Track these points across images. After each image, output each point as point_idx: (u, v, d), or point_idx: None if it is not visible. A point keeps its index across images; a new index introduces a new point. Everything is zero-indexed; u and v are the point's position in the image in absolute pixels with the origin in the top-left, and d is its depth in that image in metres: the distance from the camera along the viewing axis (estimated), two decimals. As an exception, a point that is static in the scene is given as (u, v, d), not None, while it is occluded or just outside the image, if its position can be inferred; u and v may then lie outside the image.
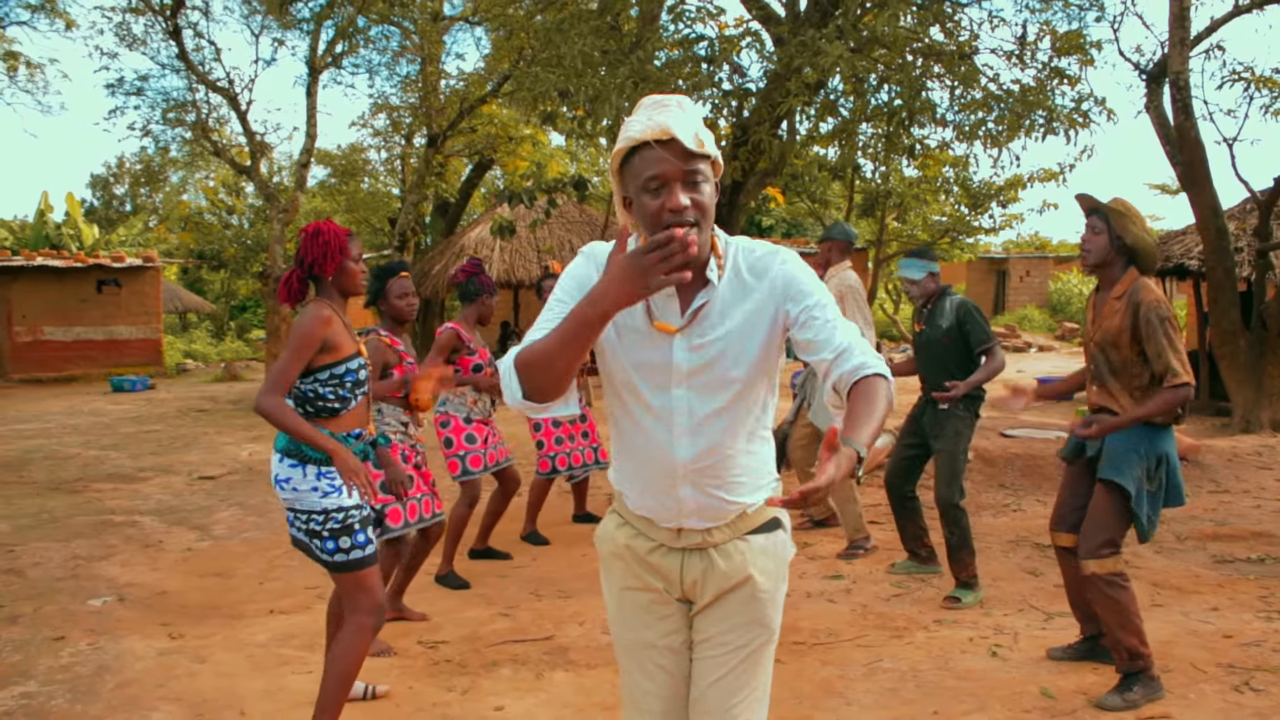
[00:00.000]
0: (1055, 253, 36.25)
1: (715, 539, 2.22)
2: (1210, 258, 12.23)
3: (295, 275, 3.73)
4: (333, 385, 3.62)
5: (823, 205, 20.29)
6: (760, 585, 2.24)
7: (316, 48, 16.41)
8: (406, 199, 18.84)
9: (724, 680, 2.23)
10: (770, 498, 2.13)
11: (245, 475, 9.96)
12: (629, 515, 2.30)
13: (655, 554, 2.26)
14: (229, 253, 22.12)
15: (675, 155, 2.02)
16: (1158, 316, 4.05)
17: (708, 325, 2.13)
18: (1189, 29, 11.96)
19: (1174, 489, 4.20)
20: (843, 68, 8.22)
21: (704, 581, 2.24)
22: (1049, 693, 4.21)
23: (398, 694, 4.32)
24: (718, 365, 2.12)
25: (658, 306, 2.14)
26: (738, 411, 2.16)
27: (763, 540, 2.26)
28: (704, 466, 2.16)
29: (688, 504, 2.18)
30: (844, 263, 6.69)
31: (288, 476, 3.56)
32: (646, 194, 2.05)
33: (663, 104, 2.10)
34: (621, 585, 2.33)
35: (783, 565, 2.30)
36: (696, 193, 2.05)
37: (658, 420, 2.16)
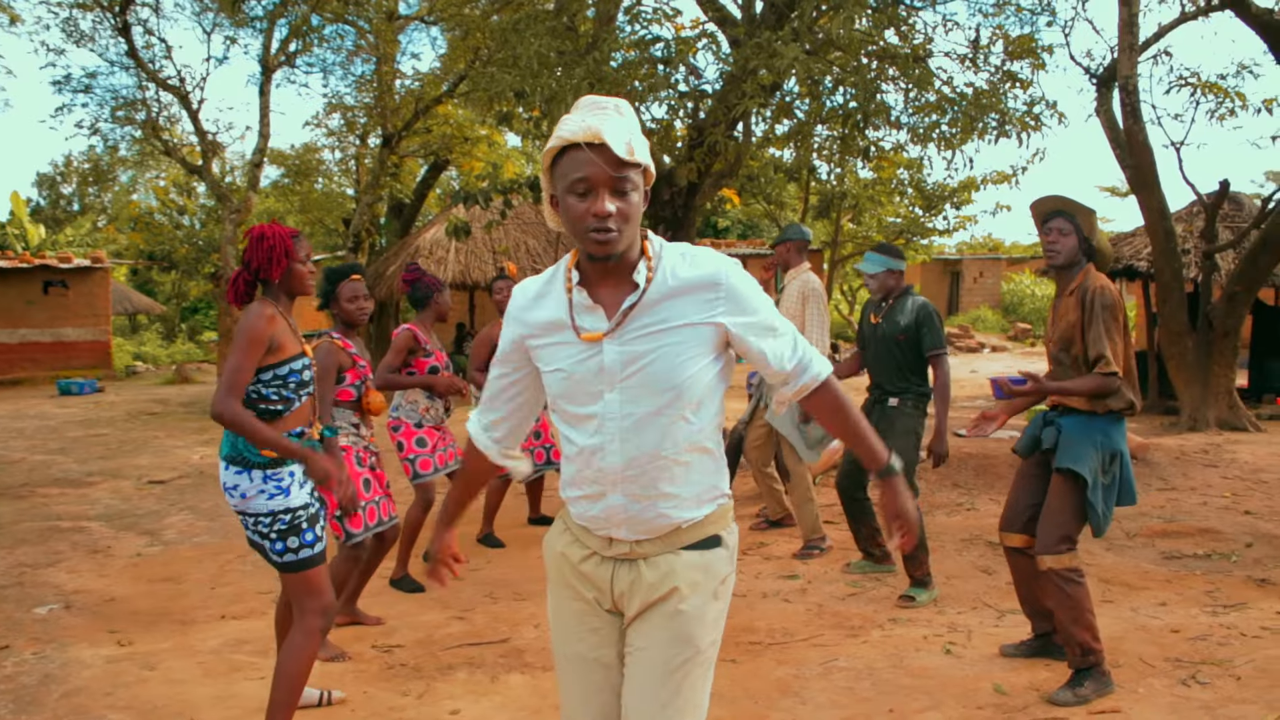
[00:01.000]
0: (1008, 254, 36.70)
1: (644, 550, 2.19)
2: (1159, 259, 12.43)
3: (242, 277, 3.70)
4: (276, 386, 3.58)
5: (778, 206, 20.40)
6: (686, 600, 2.17)
7: (270, 46, 16.25)
8: (361, 200, 18.68)
9: (647, 696, 2.16)
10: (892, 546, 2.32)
11: (196, 479, 9.83)
12: (570, 522, 2.30)
13: (588, 563, 2.25)
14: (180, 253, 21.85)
15: (605, 161, 2.02)
16: (1100, 303, 4.11)
17: (636, 327, 2.11)
18: (1137, 34, 12.15)
19: (1127, 486, 4.26)
20: (798, 70, 8.25)
21: (630, 593, 2.20)
22: (1002, 689, 4.25)
23: (353, 699, 4.28)
24: (649, 368, 2.10)
25: (582, 320, 2.14)
26: (671, 418, 2.12)
27: (695, 556, 2.20)
28: (635, 475, 2.13)
29: (616, 513, 2.16)
30: (803, 264, 6.72)
31: (235, 484, 3.53)
32: (573, 195, 2.06)
33: (600, 107, 2.10)
34: (557, 593, 2.33)
35: (714, 581, 2.21)
36: (623, 200, 2.06)
37: (590, 426, 2.14)
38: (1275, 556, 6.34)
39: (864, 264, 5.78)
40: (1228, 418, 11.99)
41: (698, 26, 10.49)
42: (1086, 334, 4.13)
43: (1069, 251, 4.28)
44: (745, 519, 7.62)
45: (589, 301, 2.13)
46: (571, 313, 2.15)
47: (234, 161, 28.09)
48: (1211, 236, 12.80)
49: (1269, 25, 11.24)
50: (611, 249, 2.07)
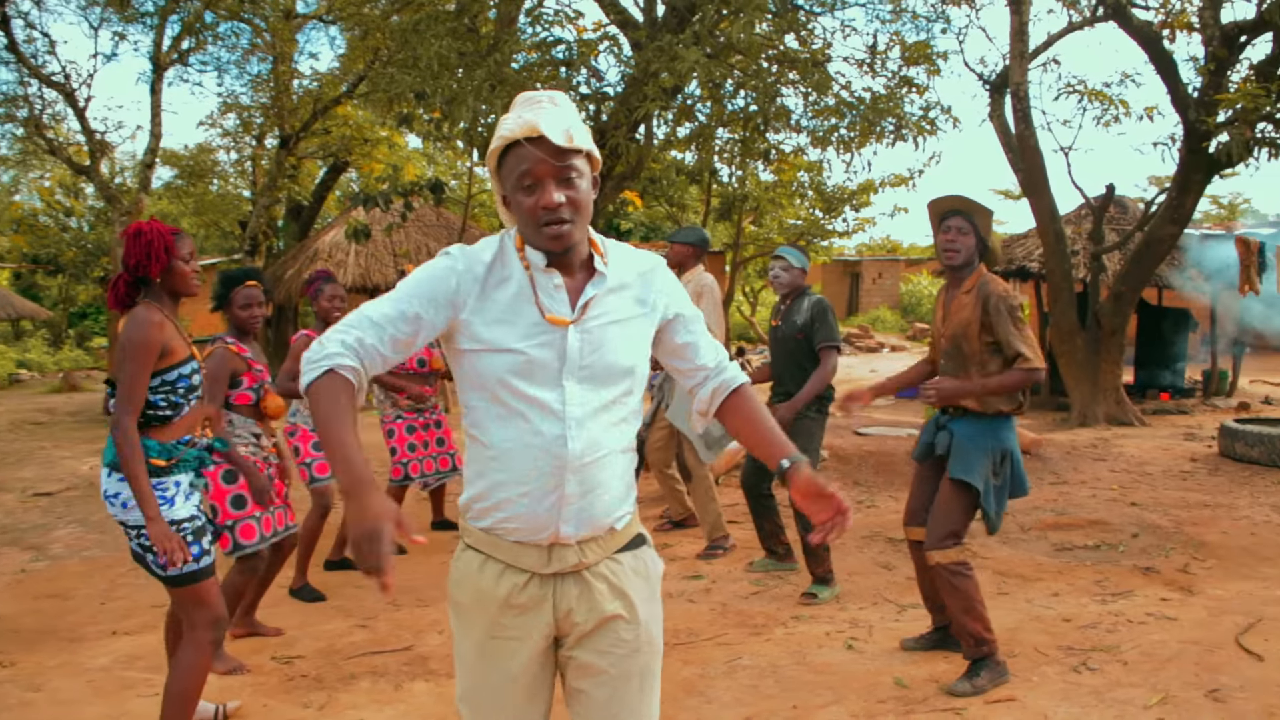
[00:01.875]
0: (906, 255, 37.47)
1: (589, 558, 2.15)
2: (1049, 260, 12.82)
3: (122, 279, 3.57)
4: (164, 392, 3.47)
5: (680, 209, 20.50)
6: (640, 606, 2.20)
7: (161, 43, 15.79)
8: (258, 202, 18.28)
9: (629, 707, 2.18)
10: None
11: (85, 490, 9.50)
12: (490, 547, 2.15)
13: (526, 591, 2.13)
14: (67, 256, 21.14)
15: (547, 153, 2.02)
16: (1005, 306, 4.24)
17: (598, 316, 2.12)
18: (1028, 43, 12.52)
19: (1018, 480, 4.39)
20: (699, 73, 8.32)
21: (578, 609, 2.15)
22: (902, 682, 4.33)
23: (252, 712, 4.17)
24: (609, 357, 2.12)
25: (547, 299, 2.10)
26: (620, 409, 2.16)
27: (631, 560, 2.22)
28: (589, 463, 2.10)
29: (569, 504, 2.09)
30: (698, 266, 6.77)
31: (117, 491, 3.42)
32: (521, 192, 2.05)
33: (535, 101, 2.09)
34: (487, 634, 2.16)
35: (655, 582, 2.27)
36: (571, 189, 2.05)
37: (547, 415, 2.07)
38: (1159, 545, 6.58)
39: (790, 253, 5.84)
40: (1115, 413, 12.41)
41: (599, 29, 10.51)
42: (997, 335, 4.24)
43: (967, 251, 4.38)
44: (649, 520, 7.64)
45: (558, 281, 2.11)
46: (536, 292, 2.10)
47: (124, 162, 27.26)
48: (1099, 238, 13.25)
49: (1149, 37, 11.67)
50: (567, 241, 2.07)
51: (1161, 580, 5.84)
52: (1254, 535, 6.82)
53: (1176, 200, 11.93)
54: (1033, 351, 4.22)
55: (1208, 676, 4.32)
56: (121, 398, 3.38)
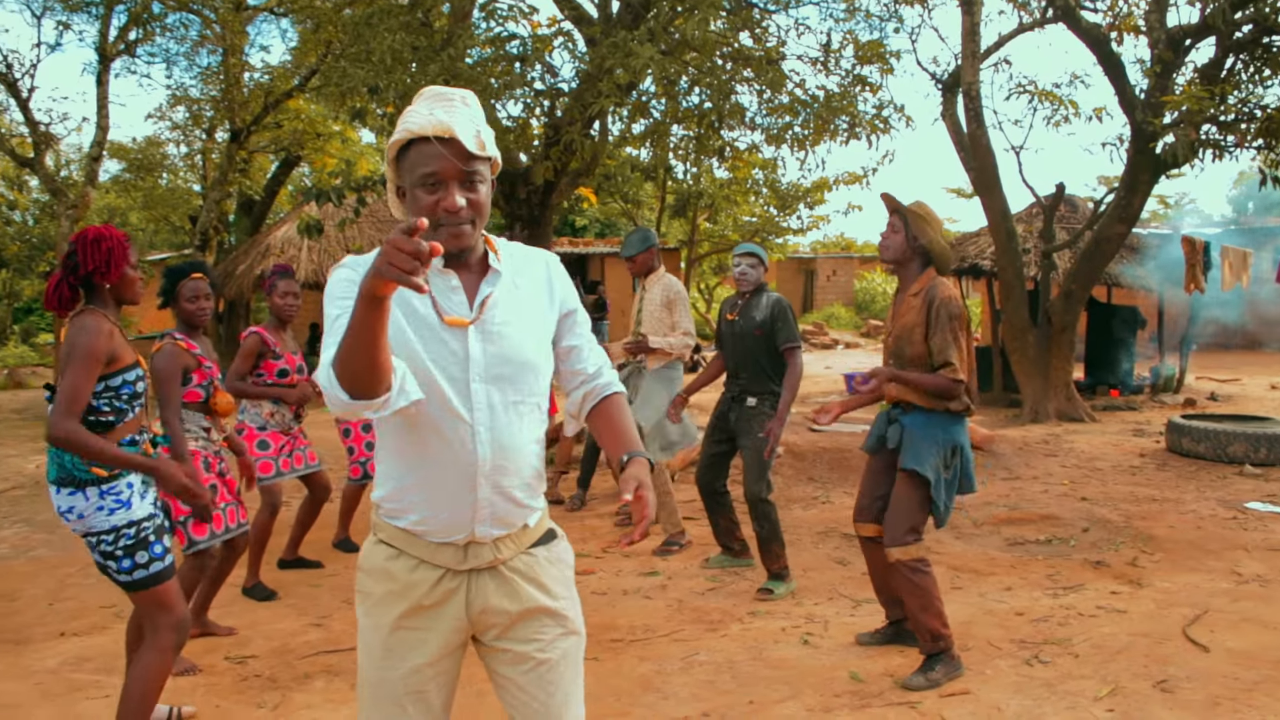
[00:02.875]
0: (860, 253, 37.73)
1: (504, 554, 2.15)
2: (1001, 258, 12.96)
3: (67, 281, 3.48)
4: (108, 398, 3.41)
5: (635, 205, 20.52)
6: (559, 595, 2.22)
7: (107, 33, 15.49)
8: (208, 196, 18.02)
9: (555, 696, 2.20)
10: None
11: (31, 489, 9.32)
12: (404, 543, 2.14)
13: (440, 586, 2.12)
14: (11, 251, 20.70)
15: (455, 155, 2.00)
16: (947, 313, 4.27)
17: (497, 314, 2.11)
18: (979, 43, 12.64)
19: (966, 477, 4.44)
20: (654, 70, 8.31)
21: (499, 604, 2.15)
22: (858, 676, 4.36)
23: (205, 713, 4.11)
24: (513, 355, 2.11)
25: (444, 301, 2.08)
26: (529, 406, 2.15)
27: (545, 552, 2.24)
28: (502, 464, 2.09)
29: (483, 508, 2.09)
30: (661, 267, 6.78)
31: (70, 506, 3.35)
32: (422, 189, 2.03)
33: (446, 98, 2.06)
34: (395, 626, 2.14)
35: (568, 570, 2.29)
36: (474, 193, 2.05)
37: (455, 418, 2.06)
38: (1109, 539, 6.68)
39: (758, 249, 5.88)
40: (1066, 409, 12.57)
41: (554, 25, 10.46)
42: (931, 340, 4.28)
43: (896, 248, 4.47)
44: (606, 516, 7.63)
45: (455, 283, 2.09)
46: (432, 295, 2.03)
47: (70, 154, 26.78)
48: (1049, 236, 13.41)
49: (1097, 39, 11.83)
50: (465, 242, 2.07)
51: (1111, 574, 5.92)
52: (1200, 529, 6.93)
53: (1125, 200, 12.10)
54: (960, 362, 4.26)
55: (1156, 668, 4.39)
56: (62, 402, 3.29)
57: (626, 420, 2.28)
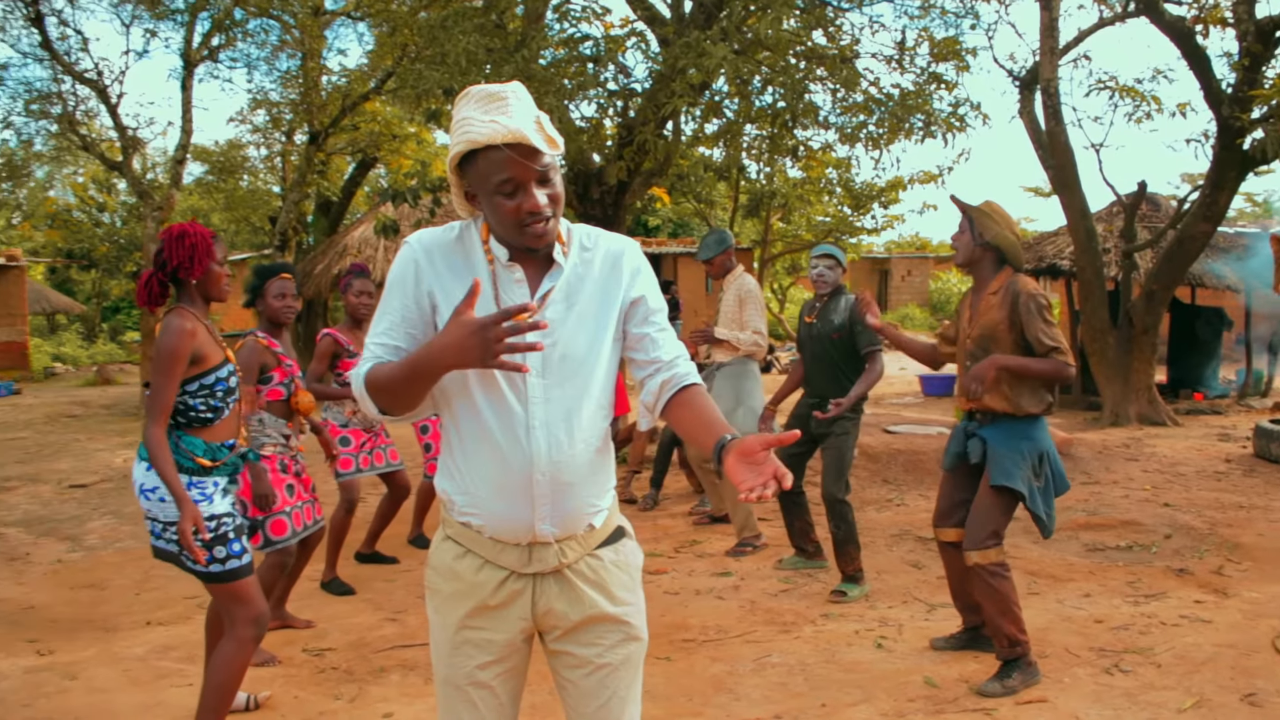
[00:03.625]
0: (935, 253, 37.26)
1: (569, 557, 2.13)
2: (1080, 257, 12.71)
3: (156, 278, 3.58)
4: (203, 396, 3.50)
5: (708, 205, 20.47)
6: (623, 601, 2.19)
7: (191, 40, 15.87)
8: (287, 197, 18.37)
9: (612, 701, 2.19)
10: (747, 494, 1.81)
11: (119, 482, 9.59)
12: (471, 541, 2.15)
13: (505, 588, 2.13)
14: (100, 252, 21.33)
15: (526, 156, 1.97)
16: (1035, 305, 4.21)
17: (558, 309, 2.08)
18: (1058, 39, 12.41)
19: (1059, 478, 4.36)
20: (727, 69, 8.28)
21: (562, 607, 2.15)
22: (932, 682, 4.30)
23: (283, 703, 4.20)
24: (569, 351, 2.08)
25: (507, 294, 2.08)
26: (589, 403, 2.11)
27: (612, 554, 2.20)
28: (560, 461, 2.06)
29: (542, 505, 2.07)
30: (738, 267, 6.78)
31: (154, 485, 3.43)
32: (500, 195, 2.00)
33: (498, 98, 2.00)
34: (460, 625, 2.16)
35: (635, 573, 2.25)
36: (550, 188, 2.03)
37: (512, 415, 2.05)
38: (1193, 547, 6.51)
39: (835, 251, 5.86)
40: (1148, 413, 12.29)
41: (627, 25, 10.48)
42: (1027, 334, 4.20)
43: (964, 248, 4.42)
44: (679, 516, 7.64)
45: (519, 275, 2.08)
46: (496, 288, 2.06)
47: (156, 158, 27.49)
48: (1131, 236, 13.12)
49: (1181, 32, 11.55)
50: (549, 238, 2.05)
51: (1195, 582, 5.77)
52: (1289, 537, 6.73)
53: (1210, 197, 11.79)
54: (1065, 348, 4.20)
55: (1243, 680, 4.26)
56: (150, 406, 3.42)
57: (711, 407, 2.12)
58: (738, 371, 6.57)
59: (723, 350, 6.64)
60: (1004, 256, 4.37)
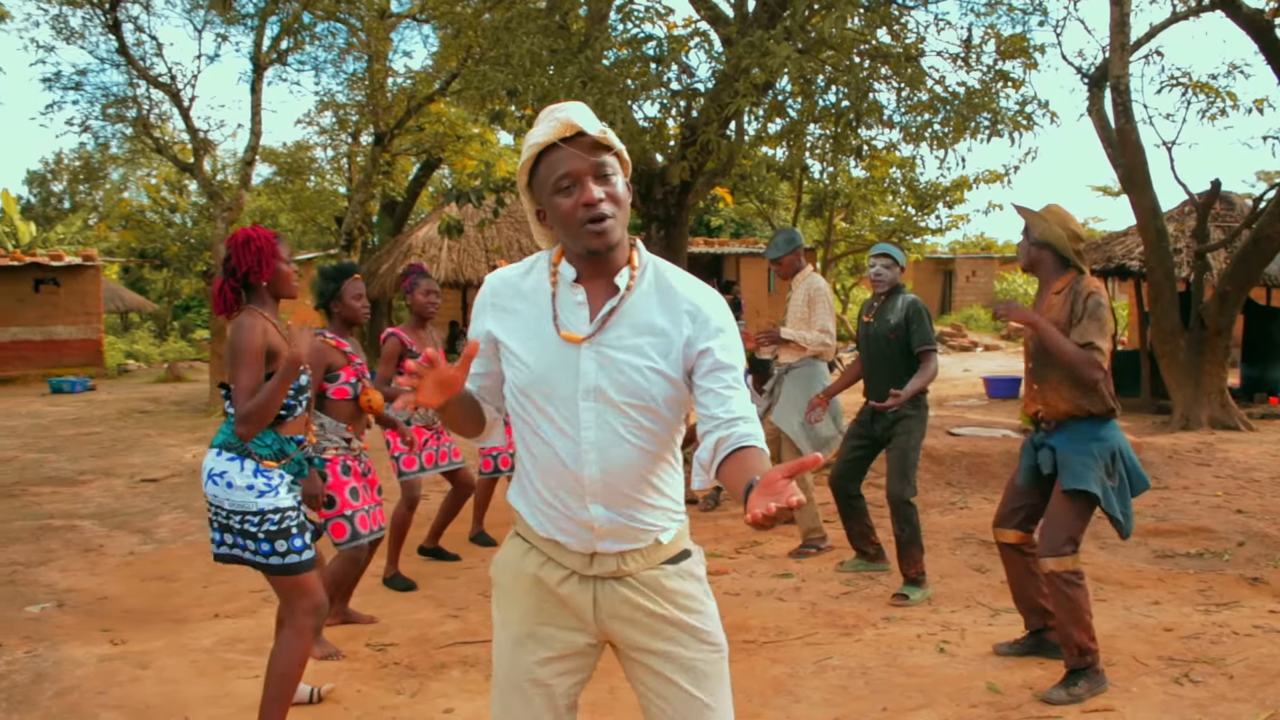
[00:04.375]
0: (1000, 253, 36.77)
1: (630, 567, 2.14)
2: (1150, 259, 12.45)
3: (229, 285, 3.66)
4: None
5: (771, 205, 20.40)
6: (694, 608, 2.18)
7: (261, 44, 16.17)
8: (353, 198, 18.63)
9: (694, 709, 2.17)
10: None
11: (189, 477, 9.80)
12: (535, 539, 2.19)
13: (566, 585, 2.15)
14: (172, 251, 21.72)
15: (583, 149, 2.02)
16: (1093, 302, 4.16)
17: (617, 333, 2.08)
18: (1129, 34, 12.17)
19: (1137, 477, 4.28)
20: (791, 69, 8.25)
21: (621, 614, 2.15)
22: (995, 688, 4.25)
23: (346, 697, 4.27)
24: (626, 376, 2.06)
25: (566, 316, 2.09)
26: (645, 429, 2.09)
27: (675, 569, 2.19)
28: (613, 484, 2.07)
29: (600, 525, 2.09)
30: (808, 267, 6.75)
31: (223, 470, 3.51)
32: (559, 195, 2.04)
33: (559, 108, 2.08)
34: (525, 621, 2.20)
35: (702, 584, 2.23)
36: (609, 185, 2.05)
37: (563, 434, 2.07)
38: (1267, 555, 6.36)
39: (893, 250, 5.82)
40: (1220, 416, 12.01)
41: (690, 25, 10.48)
42: (1076, 327, 4.15)
43: (1023, 251, 4.41)
44: (739, 516, 7.62)
45: (580, 298, 2.10)
46: (555, 306, 2.10)
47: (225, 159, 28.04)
48: (1203, 236, 12.83)
49: (1259, 25, 11.27)
50: (610, 238, 2.05)
51: (1270, 591, 5.63)
52: (1368, 545, 6.54)
53: (1287, 196, 11.50)
54: (1105, 348, 4.11)
55: (1319, 691, 4.16)
56: (237, 406, 3.50)
57: (761, 467, 1.95)
58: (806, 374, 6.53)
59: (789, 351, 6.61)
60: (1061, 255, 4.30)
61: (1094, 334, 4.11)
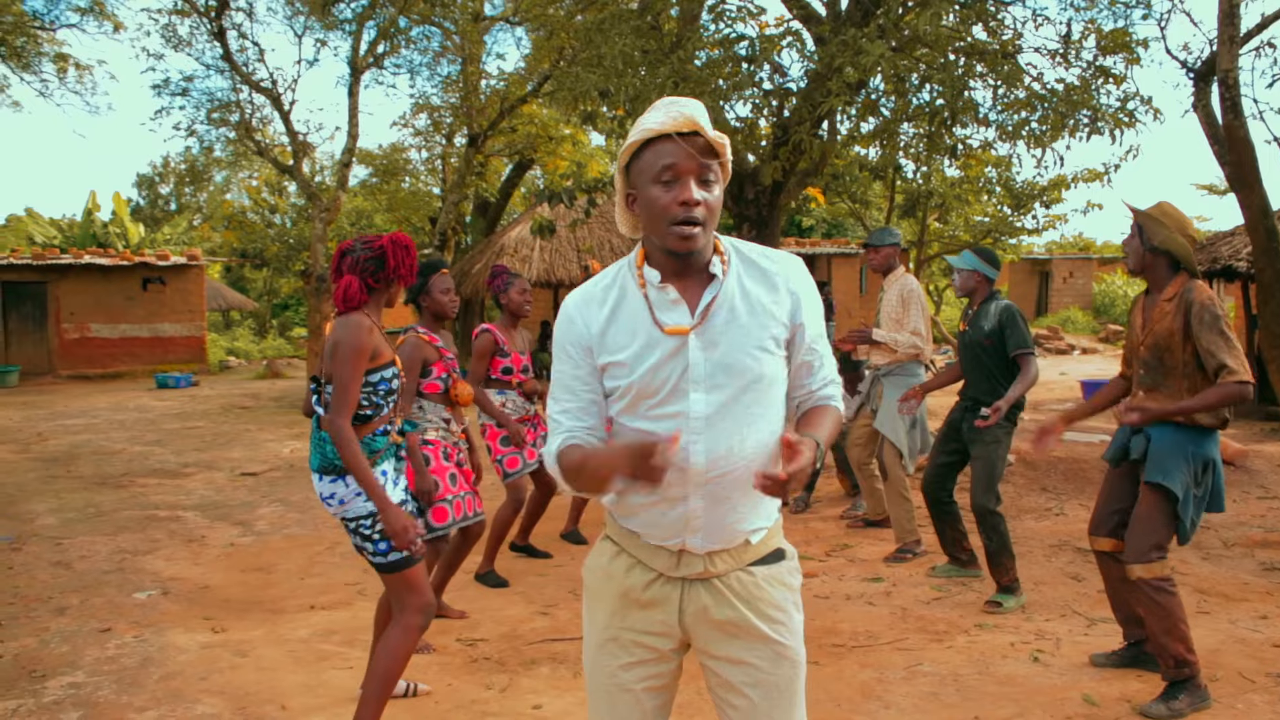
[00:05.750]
0: (1099, 254, 35.87)
1: (718, 568, 2.14)
2: (1259, 259, 12.03)
3: (366, 280, 3.70)
4: (367, 393, 3.63)
5: (863, 206, 20.16)
6: (777, 617, 2.17)
7: (358, 48, 16.52)
8: (447, 198, 18.91)
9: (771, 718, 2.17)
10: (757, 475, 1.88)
11: (287, 472, 10.05)
12: (626, 541, 2.20)
13: (652, 588, 2.16)
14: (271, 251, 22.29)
15: (696, 149, 2.02)
16: (1210, 315, 4.00)
17: (719, 322, 2.09)
18: (1239, 26, 11.76)
19: (1216, 494, 4.15)
20: (884, 67, 8.16)
21: (705, 617, 2.15)
22: (1092, 699, 4.16)
23: (437, 691, 4.34)
24: (734, 362, 2.07)
25: (663, 315, 2.10)
26: (754, 415, 2.10)
27: (765, 570, 2.18)
28: (718, 475, 2.07)
29: (695, 518, 2.09)
30: (901, 267, 6.70)
31: (331, 493, 3.59)
32: (658, 186, 2.04)
33: (678, 101, 2.08)
34: (610, 625, 2.22)
35: (792, 594, 2.21)
36: (708, 191, 2.05)
37: (673, 425, 2.07)
38: (1382, 568, 6.10)
39: (957, 258, 5.76)
40: (1331, 424, 11.56)
41: (782, 24, 10.41)
42: (1200, 346, 4.01)
43: (1134, 254, 4.26)
44: (830, 519, 7.56)
45: (674, 296, 2.10)
46: (651, 309, 2.10)
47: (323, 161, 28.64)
48: (1316, 235, 12.35)
49: (1379, 16, 10.82)
50: (694, 244, 2.06)
51: (1384, 605, 5.41)
52: None
53: (1407, 195, 11.01)
54: (1239, 364, 3.94)
55: None
56: (337, 401, 3.53)
57: (821, 417, 2.16)
58: (903, 379, 6.47)
59: (880, 352, 6.56)
60: (1177, 262, 4.17)
61: (1225, 355, 3.96)
